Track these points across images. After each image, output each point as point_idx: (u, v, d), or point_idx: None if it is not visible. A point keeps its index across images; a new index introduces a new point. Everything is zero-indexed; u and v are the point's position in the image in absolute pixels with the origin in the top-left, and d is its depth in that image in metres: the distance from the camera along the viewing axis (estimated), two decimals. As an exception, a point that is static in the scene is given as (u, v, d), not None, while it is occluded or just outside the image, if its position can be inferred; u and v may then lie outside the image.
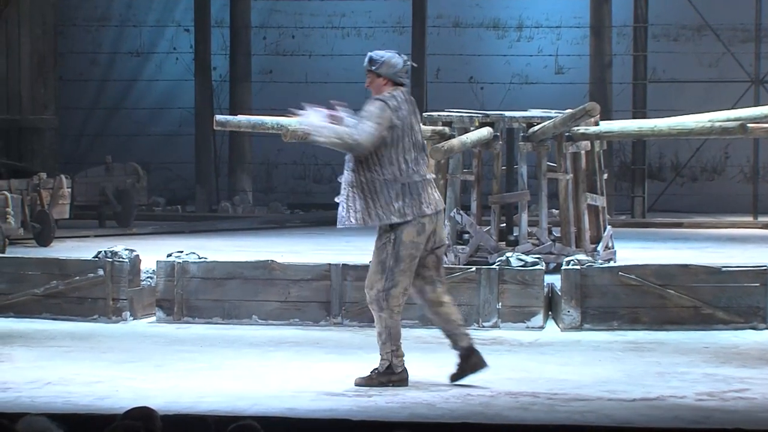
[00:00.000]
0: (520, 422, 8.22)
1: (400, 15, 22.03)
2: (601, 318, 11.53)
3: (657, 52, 21.34)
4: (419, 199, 9.10)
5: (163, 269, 11.95)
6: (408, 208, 9.07)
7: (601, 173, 14.41)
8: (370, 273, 9.15)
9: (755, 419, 8.40)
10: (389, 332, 9.22)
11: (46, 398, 8.78)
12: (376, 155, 9.08)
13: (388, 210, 9.07)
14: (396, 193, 9.08)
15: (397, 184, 9.08)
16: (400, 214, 9.06)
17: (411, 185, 9.11)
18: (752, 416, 8.53)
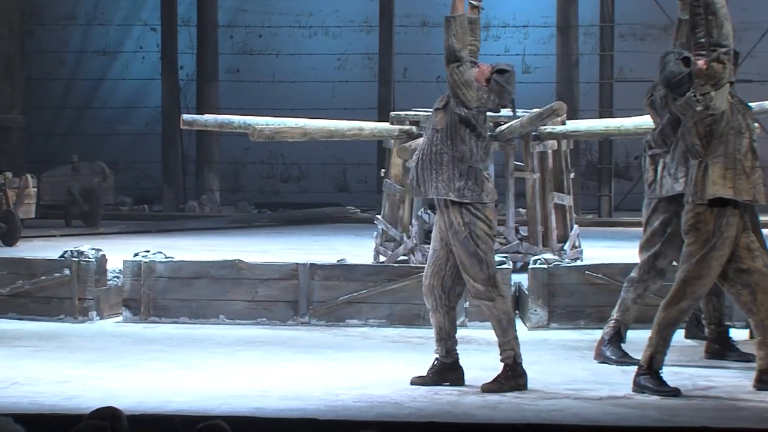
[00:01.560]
0: (488, 421, 8.24)
1: (367, 14, 22.04)
2: (568, 317, 11.56)
3: (624, 51, 21.40)
4: (481, 186, 9.13)
5: (129, 269, 11.92)
6: (468, 191, 9.09)
7: (568, 172, 14.44)
8: (467, 269, 9.08)
9: (721, 417, 8.44)
10: (508, 317, 9.19)
11: (12, 398, 8.75)
12: (452, 129, 9.08)
13: (448, 187, 9.08)
14: (460, 173, 9.09)
15: (464, 165, 9.09)
16: (458, 194, 9.06)
17: (477, 171, 9.13)
18: (718, 414, 8.57)
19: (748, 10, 21.07)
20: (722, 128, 9.00)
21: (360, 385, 9.30)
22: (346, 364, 10.11)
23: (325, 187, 22.43)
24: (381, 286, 11.65)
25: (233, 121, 14.40)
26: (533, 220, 14.02)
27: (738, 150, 9.00)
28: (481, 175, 9.16)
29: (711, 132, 8.99)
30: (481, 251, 9.06)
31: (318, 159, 21.97)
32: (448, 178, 9.11)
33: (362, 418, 8.23)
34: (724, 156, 8.97)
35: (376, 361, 10.15)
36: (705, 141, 9.00)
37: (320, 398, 8.89)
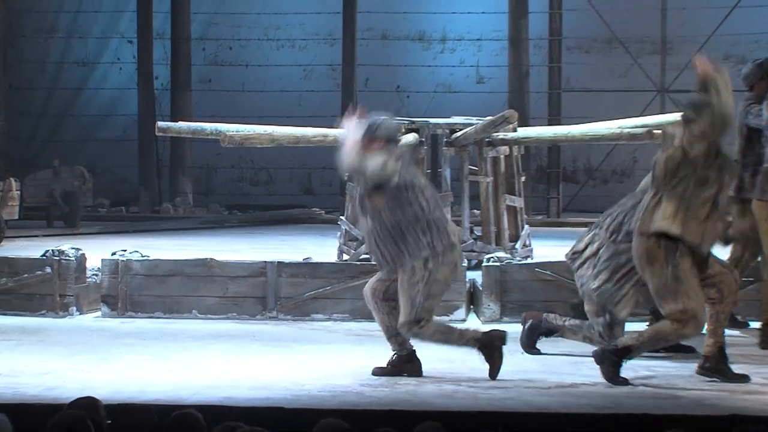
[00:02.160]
0: (444, 409, 8.25)
1: (331, 28, 22.03)
2: (520, 311, 11.53)
3: (570, 63, 21.46)
4: (445, 231, 9.11)
5: (107, 267, 11.89)
6: (437, 241, 9.07)
7: (519, 176, 14.47)
8: (401, 303, 9.09)
9: (661, 405, 8.47)
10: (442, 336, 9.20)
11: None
12: (394, 201, 9.05)
13: (419, 247, 9.06)
14: (422, 230, 9.06)
15: (422, 222, 9.07)
16: (431, 249, 9.04)
17: (435, 220, 9.10)
18: (658, 402, 8.60)
19: (686, 24, 21.21)
20: (686, 172, 8.94)
21: (324, 376, 9.30)
22: (311, 356, 10.11)
23: (292, 190, 22.42)
24: (344, 282, 11.65)
25: (205, 128, 14.37)
26: (487, 220, 14.04)
27: (695, 197, 8.92)
28: (440, 222, 9.14)
29: (675, 171, 8.94)
30: (422, 295, 9.04)
31: (285, 163, 21.95)
32: (414, 240, 9.08)
33: (326, 406, 8.23)
34: (680, 197, 8.93)
35: (339, 353, 10.15)
36: (668, 177, 8.96)
37: (286, 388, 8.88)
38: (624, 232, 9.81)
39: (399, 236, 9.10)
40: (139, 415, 6.27)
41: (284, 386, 8.93)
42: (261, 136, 14.02)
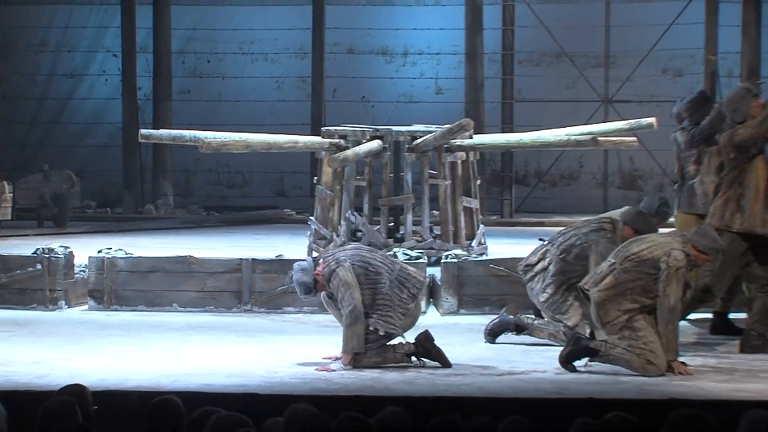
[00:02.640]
0: (405, 394, 8.25)
1: (301, 43, 22.01)
2: (475, 304, 11.59)
3: (522, 75, 21.51)
4: (399, 306, 9.20)
5: (94, 263, 11.85)
6: (392, 313, 9.17)
7: (475, 179, 14.49)
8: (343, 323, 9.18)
9: (604, 390, 8.50)
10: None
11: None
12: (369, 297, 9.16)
13: (386, 321, 9.14)
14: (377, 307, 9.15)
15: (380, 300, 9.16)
16: (385, 323, 9.12)
17: (391, 297, 9.17)
18: (602, 388, 8.62)
19: (627, 40, 21.29)
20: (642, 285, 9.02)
21: (295, 364, 9.29)
22: (283, 346, 10.09)
23: (265, 193, 22.39)
24: (313, 278, 11.63)
25: (185, 135, 14.34)
26: (445, 220, 14.05)
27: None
28: (393, 299, 9.16)
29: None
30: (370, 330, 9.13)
31: (259, 168, 21.93)
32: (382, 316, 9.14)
33: (296, 392, 8.23)
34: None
35: (309, 343, 10.14)
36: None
37: (260, 375, 8.87)
38: (574, 254, 9.82)
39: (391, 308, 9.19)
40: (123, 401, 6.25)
41: (258, 374, 8.92)
42: (236, 142, 14.00)
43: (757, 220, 9.72)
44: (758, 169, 9.79)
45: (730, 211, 9.75)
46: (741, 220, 9.73)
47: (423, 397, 8.12)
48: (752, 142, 9.76)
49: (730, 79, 20.31)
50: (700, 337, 10.40)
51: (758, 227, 9.72)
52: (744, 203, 9.75)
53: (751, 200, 9.75)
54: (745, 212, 9.74)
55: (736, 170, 9.77)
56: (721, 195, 9.85)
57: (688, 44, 20.74)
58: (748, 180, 9.77)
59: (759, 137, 9.78)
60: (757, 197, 9.74)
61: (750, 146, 9.76)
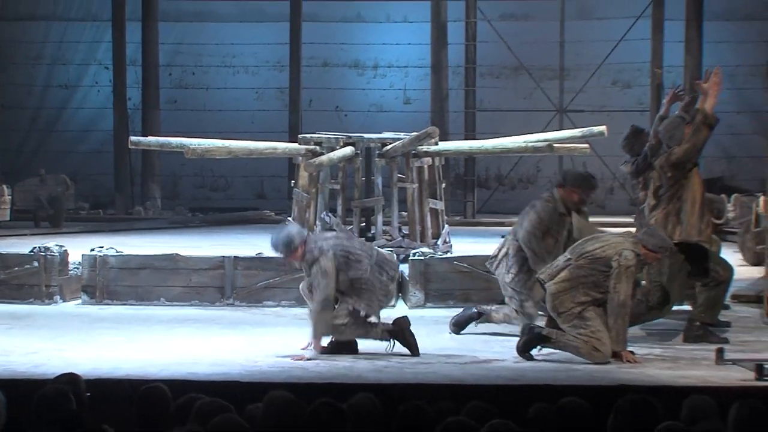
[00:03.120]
0: (376, 382, 8.25)
1: (280, 56, 21.97)
2: (441, 298, 11.61)
3: (483, 87, 21.54)
4: (377, 291, 9.26)
5: (87, 261, 11.81)
6: (374, 298, 9.25)
7: (440, 183, 14.51)
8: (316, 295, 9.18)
9: (559, 377, 8.52)
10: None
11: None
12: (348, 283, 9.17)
13: (369, 306, 9.17)
14: (359, 295, 9.17)
15: (361, 288, 9.18)
16: (368, 307, 9.20)
17: (369, 282, 9.24)
18: (557, 375, 8.65)
19: (580, 55, 21.35)
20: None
21: (273, 354, 9.28)
22: (263, 338, 10.08)
23: (246, 195, 22.34)
24: (291, 274, 11.62)
25: (171, 142, 14.31)
26: (413, 221, 14.06)
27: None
28: (374, 284, 9.22)
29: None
30: (345, 318, 9.14)
31: (240, 172, 21.88)
32: (364, 300, 9.20)
33: (275, 380, 8.21)
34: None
35: (287, 334, 10.13)
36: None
37: (241, 365, 8.85)
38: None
39: (374, 293, 9.26)
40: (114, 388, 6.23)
41: (239, 363, 8.91)
42: (219, 149, 13.98)
43: (693, 230, 9.80)
44: (694, 184, 9.88)
45: (672, 224, 9.82)
46: (680, 231, 9.81)
47: (392, 384, 8.12)
48: (687, 157, 9.84)
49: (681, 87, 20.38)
50: (645, 327, 10.44)
51: (694, 236, 9.79)
52: (683, 216, 9.82)
53: (688, 213, 9.82)
54: (684, 224, 9.81)
55: (674, 187, 9.85)
56: (661, 210, 9.92)
57: (636, 59, 20.81)
58: (686, 195, 9.85)
59: (693, 151, 9.85)
60: (694, 210, 9.83)
61: (686, 162, 9.85)
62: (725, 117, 21.02)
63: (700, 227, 9.81)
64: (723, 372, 8.70)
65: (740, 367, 8.78)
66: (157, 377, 7.89)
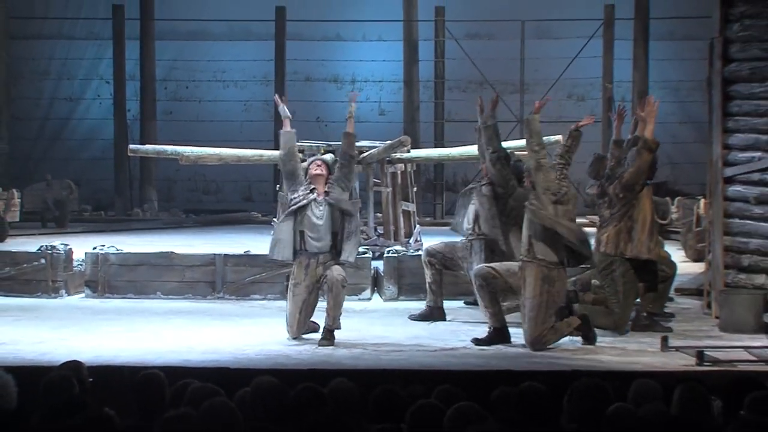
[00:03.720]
0: (353, 367, 8.26)
1: (266, 71, 21.94)
2: (413, 291, 11.61)
3: (451, 99, 21.57)
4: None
5: (90, 258, 11.77)
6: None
7: (412, 187, 14.52)
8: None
9: (520, 363, 8.55)
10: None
11: (1, 355, 8.59)
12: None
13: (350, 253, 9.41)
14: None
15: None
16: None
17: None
18: (518, 361, 8.67)
19: (539, 70, 21.41)
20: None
21: (260, 343, 9.27)
22: (250, 328, 10.07)
23: (235, 198, 22.30)
24: (276, 270, 11.62)
25: (167, 150, 14.28)
26: (387, 221, 14.07)
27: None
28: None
29: None
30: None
31: (230, 177, 21.83)
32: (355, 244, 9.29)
33: (261, 366, 8.21)
34: None
35: (272, 325, 10.12)
36: None
37: (231, 352, 8.84)
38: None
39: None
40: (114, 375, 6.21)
41: (229, 351, 8.90)
42: (211, 156, 13.96)
43: (643, 247, 9.82)
44: (645, 204, 9.91)
45: (623, 241, 9.84)
46: (631, 247, 9.83)
47: (369, 370, 8.13)
48: (635, 179, 9.87)
49: (624, 103, 20.46)
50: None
51: (644, 253, 9.82)
52: (634, 234, 9.85)
53: (639, 231, 9.85)
54: (634, 241, 9.84)
55: (625, 207, 9.89)
56: (614, 226, 9.95)
57: (589, 74, 20.88)
58: (637, 214, 9.88)
59: (638, 173, 9.90)
60: (644, 228, 9.86)
61: (634, 183, 9.88)
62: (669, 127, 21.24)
63: (649, 245, 9.83)
64: (667, 358, 8.74)
65: (683, 354, 8.83)
66: (154, 364, 7.88)
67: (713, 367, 8.30)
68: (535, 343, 9.02)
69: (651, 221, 9.89)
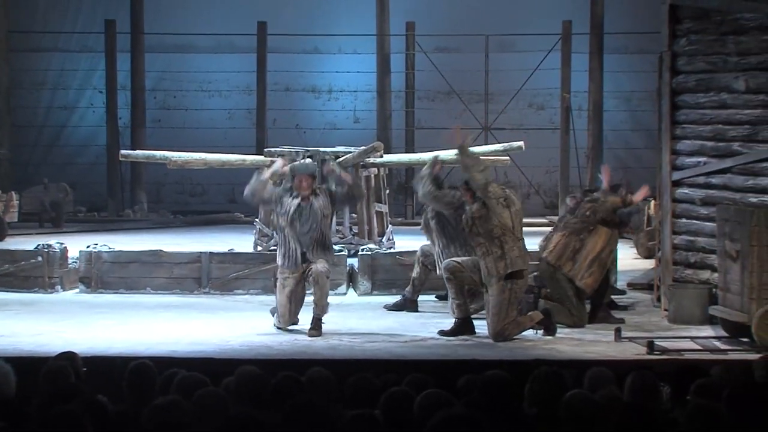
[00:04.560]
0: (330, 357, 8.26)
1: (248, 82, 21.88)
2: (385, 287, 11.62)
3: (421, 108, 21.58)
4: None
5: (84, 256, 11.71)
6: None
7: (385, 189, 14.52)
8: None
9: (485, 353, 8.57)
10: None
11: (1, 346, 8.53)
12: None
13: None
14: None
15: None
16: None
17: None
18: (483, 351, 8.69)
19: (502, 81, 21.46)
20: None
21: (243, 335, 9.26)
22: (234, 321, 10.05)
23: (220, 200, 22.21)
24: (258, 267, 11.61)
25: (156, 155, 14.22)
26: (361, 221, 14.06)
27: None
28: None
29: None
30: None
31: (215, 180, 21.75)
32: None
33: (245, 357, 8.19)
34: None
35: (255, 318, 10.11)
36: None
37: (216, 344, 8.82)
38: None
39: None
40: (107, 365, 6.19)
41: (214, 342, 8.87)
42: (197, 160, 13.91)
43: (578, 274, 9.82)
44: (601, 236, 9.88)
45: (567, 258, 9.83)
46: (570, 268, 9.83)
47: (344, 359, 8.13)
48: (606, 213, 9.90)
49: (581, 111, 20.56)
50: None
51: (577, 279, 9.82)
52: (578, 257, 9.84)
53: (583, 257, 9.84)
54: (576, 263, 9.82)
55: (584, 224, 9.86)
56: (564, 235, 9.94)
57: (548, 85, 20.95)
58: (589, 240, 9.85)
59: (611, 210, 9.95)
60: (587, 258, 9.84)
61: (609, 220, 9.91)
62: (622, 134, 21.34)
63: (584, 275, 9.80)
64: (620, 348, 8.78)
65: (635, 344, 8.87)
66: (144, 355, 7.85)
67: (662, 356, 8.34)
68: (498, 336, 9.05)
69: (596, 257, 9.79)
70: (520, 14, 21.03)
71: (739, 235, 9.07)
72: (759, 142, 10.09)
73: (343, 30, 21.57)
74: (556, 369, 5.60)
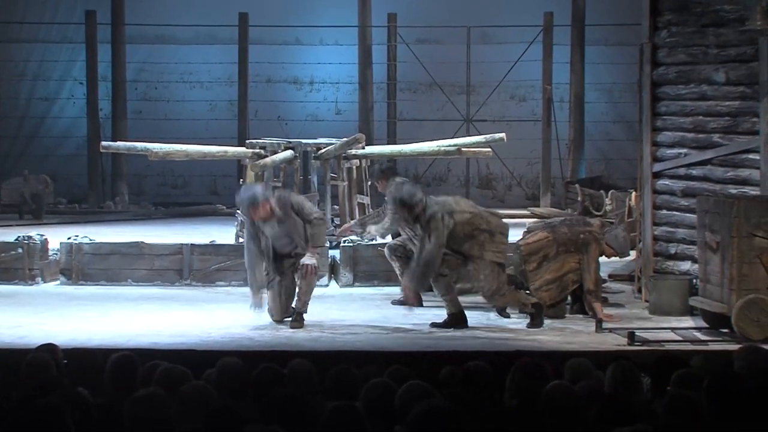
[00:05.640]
0: (311, 349, 8.26)
1: (230, 73, 21.82)
2: (367, 278, 11.63)
3: (403, 100, 21.57)
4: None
5: (64, 248, 11.67)
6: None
7: (366, 181, 14.51)
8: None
9: (466, 344, 8.59)
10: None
11: (-20, 339, 8.50)
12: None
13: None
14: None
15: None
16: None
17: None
18: (464, 342, 8.71)
19: (484, 73, 21.48)
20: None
21: (225, 326, 9.25)
22: (215, 312, 10.04)
23: (201, 192, 22.16)
24: (239, 258, 11.56)
25: (137, 146, 14.17)
26: (343, 213, 14.06)
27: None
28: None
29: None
30: None
31: (196, 172, 21.70)
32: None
33: (226, 348, 8.19)
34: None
35: (236, 310, 10.10)
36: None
37: (197, 335, 8.81)
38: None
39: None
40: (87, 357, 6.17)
41: (195, 334, 8.87)
42: (178, 152, 13.86)
43: (537, 281, 9.69)
44: (573, 261, 9.73)
45: (535, 258, 9.74)
46: (533, 268, 9.73)
47: (325, 351, 8.13)
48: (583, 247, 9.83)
49: (562, 103, 20.60)
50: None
51: (532, 286, 9.73)
52: (545, 265, 9.72)
53: (547, 270, 9.71)
54: (540, 269, 9.70)
55: (568, 242, 9.80)
56: (546, 238, 9.87)
57: (530, 77, 20.98)
58: (561, 257, 9.70)
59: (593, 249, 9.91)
60: (552, 272, 9.72)
61: (577, 246, 9.89)
62: (603, 126, 21.39)
63: (541, 285, 9.68)
64: (601, 339, 8.82)
65: (615, 335, 8.91)
66: (126, 346, 7.83)
67: (643, 347, 8.38)
68: (495, 294, 9.08)
69: (560, 277, 9.66)
70: (502, 6, 21.04)
71: (719, 227, 9.12)
72: (739, 133, 10.14)
73: (325, 21, 21.54)
74: (537, 360, 5.61)
